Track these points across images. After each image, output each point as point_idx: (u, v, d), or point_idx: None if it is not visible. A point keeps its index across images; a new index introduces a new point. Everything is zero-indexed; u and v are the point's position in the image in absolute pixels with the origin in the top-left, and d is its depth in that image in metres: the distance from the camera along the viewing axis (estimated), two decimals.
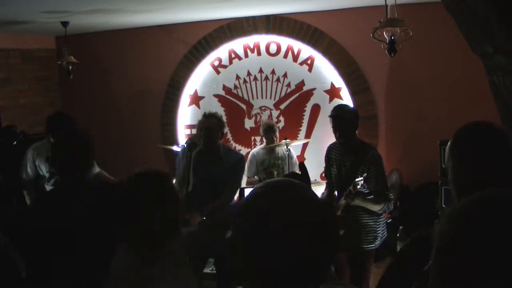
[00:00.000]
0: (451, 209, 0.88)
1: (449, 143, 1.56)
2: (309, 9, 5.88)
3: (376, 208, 3.62)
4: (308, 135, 6.25)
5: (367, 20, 4.81)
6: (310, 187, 1.63)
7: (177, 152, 5.95)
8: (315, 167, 5.70)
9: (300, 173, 2.63)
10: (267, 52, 6.32)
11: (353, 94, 5.96)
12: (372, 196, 3.50)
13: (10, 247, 2.46)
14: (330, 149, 4.02)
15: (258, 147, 5.85)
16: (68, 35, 5.86)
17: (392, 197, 3.71)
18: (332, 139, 4.00)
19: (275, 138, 5.54)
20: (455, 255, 0.81)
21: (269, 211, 1.09)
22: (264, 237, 1.07)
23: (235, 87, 6.49)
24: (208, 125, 3.97)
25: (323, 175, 4.67)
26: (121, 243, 2.04)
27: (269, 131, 5.54)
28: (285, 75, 6.28)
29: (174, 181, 3.90)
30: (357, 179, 3.45)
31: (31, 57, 6.83)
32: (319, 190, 4.77)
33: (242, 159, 4.13)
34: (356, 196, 3.48)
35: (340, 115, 3.71)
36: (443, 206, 4.34)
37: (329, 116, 3.81)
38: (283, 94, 6.31)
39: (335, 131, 3.78)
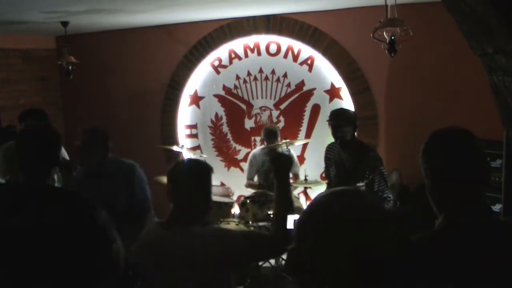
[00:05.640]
0: None
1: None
2: (309, 9, 5.88)
3: None
4: (308, 135, 6.25)
5: (367, 20, 4.81)
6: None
7: (177, 152, 5.96)
8: (315, 167, 5.70)
9: None
10: (267, 52, 6.32)
11: (353, 94, 5.96)
12: None
13: None
14: (329, 149, 4.03)
15: (258, 148, 5.84)
16: (68, 35, 5.86)
17: (390, 198, 3.71)
18: (332, 139, 4.01)
19: (276, 143, 5.50)
20: None
21: (340, 215, 1.11)
22: (328, 238, 1.09)
23: (235, 87, 6.48)
24: (79, 143, 3.47)
25: (323, 175, 4.67)
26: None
27: (271, 136, 5.43)
28: (285, 75, 6.28)
29: None
30: (358, 184, 3.44)
31: (31, 57, 6.83)
32: (320, 190, 4.77)
33: (134, 167, 3.55)
34: None
35: (339, 123, 3.71)
36: None
37: (328, 122, 3.81)
38: (283, 94, 6.31)
39: (335, 138, 3.79)
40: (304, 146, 6.25)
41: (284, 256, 2.82)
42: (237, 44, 6.40)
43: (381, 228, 1.11)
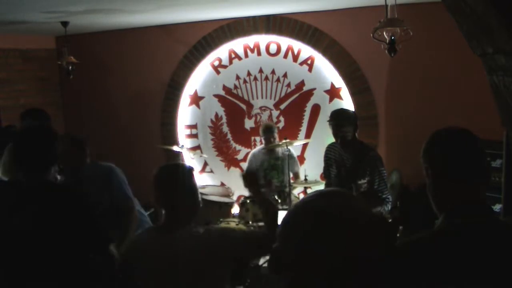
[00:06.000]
0: None
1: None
2: (309, 9, 5.87)
3: None
4: (308, 135, 6.25)
5: (367, 20, 4.81)
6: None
7: (177, 152, 5.96)
8: (315, 167, 5.70)
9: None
10: (267, 52, 6.32)
11: (353, 94, 5.96)
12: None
13: None
14: (330, 148, 4.03)
15: (258, 148, 5.86)
16: (68, 35, 5.86)
17: (389, 200, 3.71)
18: (332, 139, 4.01)
19: (273, 139, 5.52)
20: None
21: (328, 211, 1.12)
22: (322, 236, 1.10)
23: (235, 87, 6.48)
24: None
25: (324, 175, 4.67)
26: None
27: (267, 131, 5.53)
28: (285, 75, 6.28)
29: None
30: (359, 182, 3.44)
31: (31, 57, 6.83)
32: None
33: (112, 169, 3.52)
34: None
35: (340, 123, 3.71)
36: None
37: (328, 122, 3.81)
38: (283, 94, 6.31)
39: (336, 138, 3.79)
40: (304, 146, 6.25)
41: None
42: (237, 44, 6.40)
43: (367, 230, 1.12)
